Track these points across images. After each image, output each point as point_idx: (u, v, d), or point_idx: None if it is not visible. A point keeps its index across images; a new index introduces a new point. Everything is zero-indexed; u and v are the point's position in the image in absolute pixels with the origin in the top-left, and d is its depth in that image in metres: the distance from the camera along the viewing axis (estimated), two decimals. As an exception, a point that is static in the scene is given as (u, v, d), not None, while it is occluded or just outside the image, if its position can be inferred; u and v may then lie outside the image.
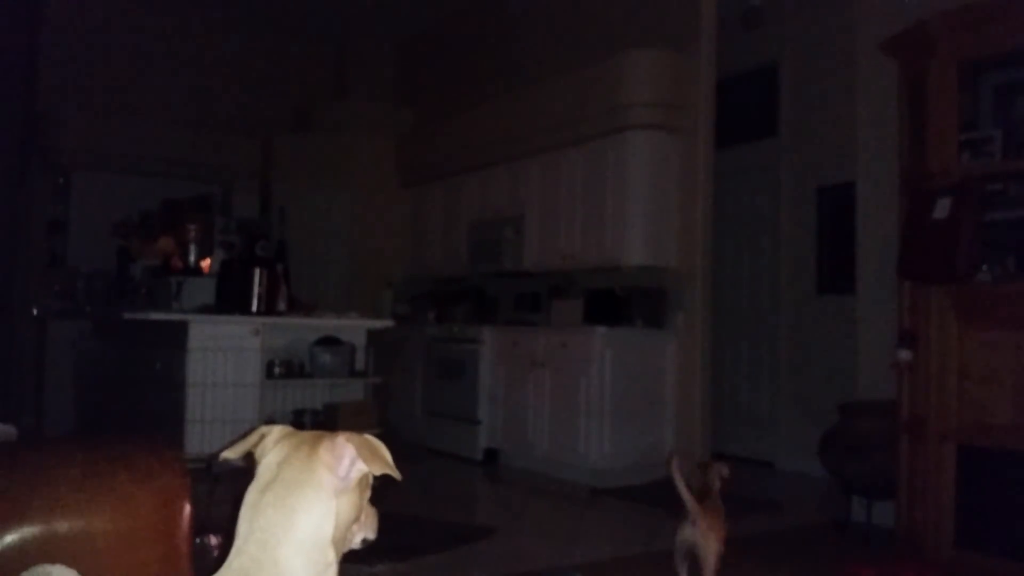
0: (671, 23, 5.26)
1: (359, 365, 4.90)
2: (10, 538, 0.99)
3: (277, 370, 4.61)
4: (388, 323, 5.49)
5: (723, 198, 5.76)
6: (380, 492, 0.99)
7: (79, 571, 0.94)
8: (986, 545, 3.13)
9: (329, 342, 4.79)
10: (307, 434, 0.92)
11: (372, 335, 5.10)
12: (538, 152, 5.83)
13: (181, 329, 4.35)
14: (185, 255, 5.09)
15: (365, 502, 0.94)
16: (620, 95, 5.13)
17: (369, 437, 0.92)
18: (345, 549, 0.91)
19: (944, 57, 3.32)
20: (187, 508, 1.16)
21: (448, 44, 7.73)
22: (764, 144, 6.08)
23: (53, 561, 0.97)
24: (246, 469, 0.91)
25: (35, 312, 6.70)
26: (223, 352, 4.37)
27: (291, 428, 0.94)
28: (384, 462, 0.90)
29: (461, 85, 7.41)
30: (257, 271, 4.54)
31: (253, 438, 0.93)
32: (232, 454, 0.94)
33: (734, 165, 6.05)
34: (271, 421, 4.41)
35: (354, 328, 4.97)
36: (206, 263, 5.10)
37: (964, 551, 3.17)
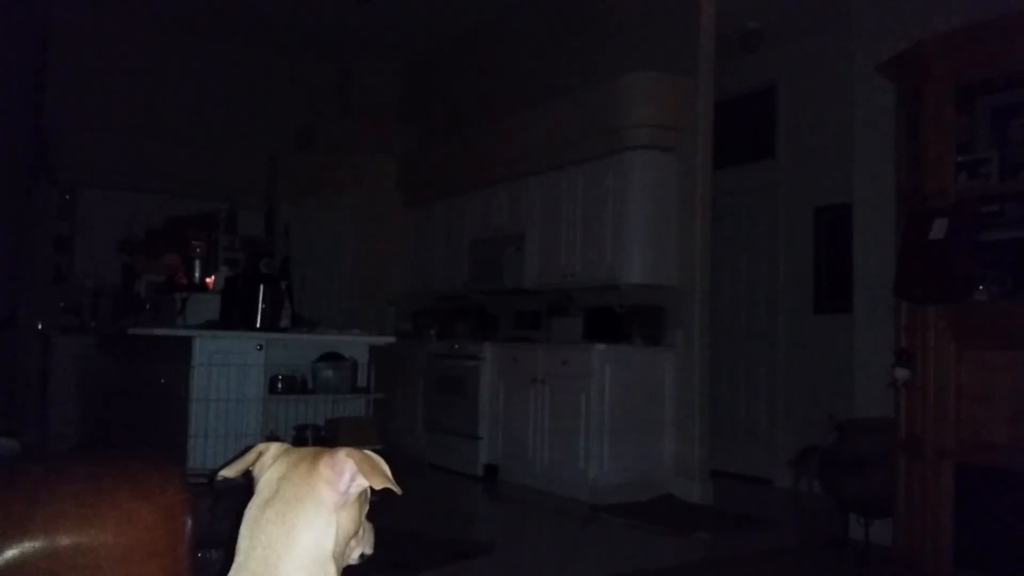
0: (671, 46, 5.33)
1: (361, 381, 4.91)
2: (11, 552, 0.97)
3: (280, 385, 4.64)
4: (390, 339, 5.50)
5: (721, 218, 5.81)
6: (380, 507, 0.99)
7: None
8: (986, 564, 3.13)
9: (331, 358, 4.81)
10: (306, 450, 0.93)
11: (374, 351, 5.13)
12: (539, 172, 5.88)
13: (185, 344, 4.37)
14: (190, 271, 5.12)
15: (363, 517, 0.94)
16: (620, 116, 5.18)
17: (369, 452, 0.92)
18: (344, 564, 0.91)
19: (941, 79, 3.35)
20: (189, 523, 1.14)
21: (451, 66, 7.82)
22: (762, 165, 6.14)
23: (55, 576, 0.97)
24: (247, 484, 0.92)
25: (40, 327, 6.74)
26: (227, 367, 4.39)
27: (288, 445, 0.95)
28: (384, 476, 0.90)
29: (463, 106, 7.48)
30: (261, 288, 4.57)
31: (251, 456, 0.94)
32: (230, 472, 0.94)
33: (732, 185, 6.11)
34: (273, 436, 4.45)
35: (356, 344, 4.98)
36: (211, 280, 5.13)
37: (964, 570, 3.17)
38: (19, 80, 7.26)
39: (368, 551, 0.97)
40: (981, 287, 3.20)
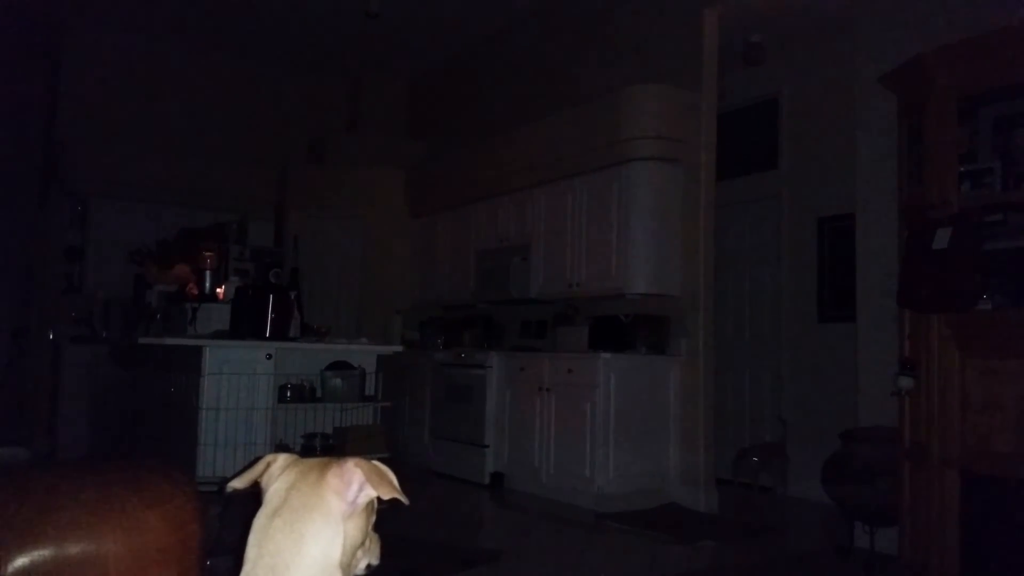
0: (674, 58, 5.37)
1: (369, 389, 4.95)
2: (21, 561, 0.98)
3: (289, 394, 4.68)
4: (397, 348, 5.56)
5: (725, 228, 5.84)
6: (386, 515, 1.00)
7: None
8: (993, 573, 3.13)
9: (340, 367, 4.85)
10: (314, 460, 0.93)
11: (382, 360, 5.16)
12: (544, 183, 5.91)
13: (196, 354, 4.41)
14: (201, 282, 5.17)
15: (371, 527, 0.94)
16: (624, 128, 5.21)
17: (376, 462, 0.93)
18: (351, 575, 0.92)
19: (942, 90, 3.36)
20: (198, 531, 1.15)
21: (457, 79, 7.88)
22: (765, 175, 6.16)
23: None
24: (256, 494, 0.93)
25: (51, 337, 6.80)
26: (236, 376, 4.43)
27: (296, 456, 0.96)
28: (391, 487, 0.91)
29: (470, 119, 7.54)
30: (271, 298, 4.61)
31: (259, 467, 0.95)
32: (239, 483, 0.95)
33: (736, 196, 6.14)
34: (282, 445, 4.48)
35: (364, 353, 5.02)
36: (221, 290, 5.18)
37: (970, 579, 3.17)
38: (32, 91, 7.35)
39: (374, 562, 0.97)
40: (985, 296, 3.21)
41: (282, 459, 0.96)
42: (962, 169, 3.33)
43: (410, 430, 6.54)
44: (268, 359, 4.51)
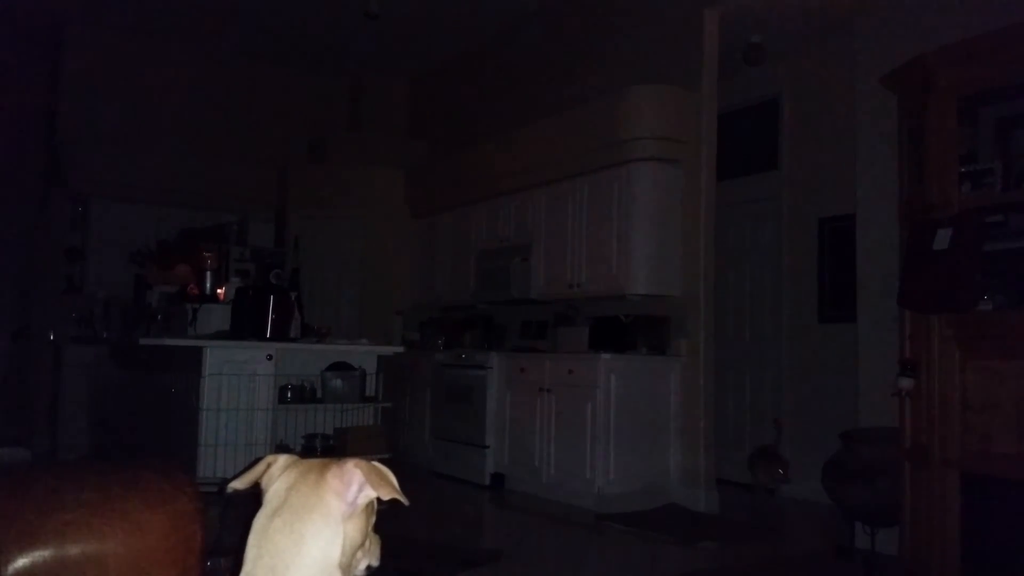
0: (675, 59, 5.37)
1: (369, 390, 4.96)
2: (21, 561, 0.98)
3: (289, 395, 4.68)
4: (398, 349, 5.56)
5: (726, 229, 5.84)
6: (386, 516, 1.00)
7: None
8: (993, 573, 3.13)
9: (340, 368, 4.86)
10: (314, 461, 0.93)
11: (382, 361, 5.16)
12: (545, 184, 5.91)
13: (196, 354, 4.42)
14: (201, 283, 5.18)
15: (370, 528, 0.94)
16: (625, 129, 5.21)
17: (376, 463, 0.92)
18: (351, 575, 0.92)
19: (943, 91, 3.36)
20: (199, 532, 1.15)
21: (458, 79, 7.88)
22: (766, 176, 6.16)
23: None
24: (256, 494, 0.93)
25: (51, 337, 6.80)
26: (237, 377, 4.43)
27: (296, 456, 0.96)
28: (391, 487, 0.90)
29: (471, 119, 7.54)
30: (271, 298, 4.62)
31: (260, 468, 0.94)
32: (240, 484, 0.95)
33: (736, 196, 6.14)
34: (282, 445, 4.48)
35: (365, 354, 5.03)
36: (221, 290, 5.19)
37: (970, 580, 3.17)
38: (33, 92, 7.36)
39: (374, 563, 0.97)
40: (985, 297, 3.21)
41: (282, 460, 0.95)
42: (962, 169, 3.32)
43: (410, 431, 6.54)
44: (269, 360, 4.52)
